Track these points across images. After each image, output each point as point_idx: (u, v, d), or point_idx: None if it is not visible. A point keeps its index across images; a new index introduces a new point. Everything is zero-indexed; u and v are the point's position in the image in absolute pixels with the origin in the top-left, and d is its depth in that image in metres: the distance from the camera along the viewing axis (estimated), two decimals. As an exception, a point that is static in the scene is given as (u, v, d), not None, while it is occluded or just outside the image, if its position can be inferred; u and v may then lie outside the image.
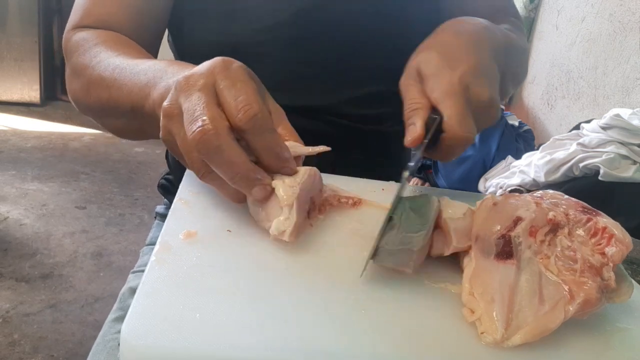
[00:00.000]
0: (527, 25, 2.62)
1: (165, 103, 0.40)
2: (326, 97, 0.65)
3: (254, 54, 0.45)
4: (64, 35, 0.64)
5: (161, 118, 0.41)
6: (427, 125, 0.46)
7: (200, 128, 0.36)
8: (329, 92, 0.65)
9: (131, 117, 0.52)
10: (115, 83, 0.52)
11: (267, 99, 0.43)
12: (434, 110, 0.47)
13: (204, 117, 0.36)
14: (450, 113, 0.45)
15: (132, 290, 0.69)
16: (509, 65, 0.57)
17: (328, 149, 0.46)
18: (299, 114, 0.65)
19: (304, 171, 0.42)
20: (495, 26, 0.57)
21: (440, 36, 0.53)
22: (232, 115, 0.38)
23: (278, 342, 0.30)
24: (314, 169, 0.43)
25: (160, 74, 0.48)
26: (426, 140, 0.45)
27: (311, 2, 0.62)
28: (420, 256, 0.39)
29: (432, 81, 0.47)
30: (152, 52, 0.63)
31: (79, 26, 0.62)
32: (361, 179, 0.56)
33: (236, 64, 0.41)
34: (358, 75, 0.66)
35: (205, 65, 0.41)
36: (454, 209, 0.41)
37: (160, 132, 0.42)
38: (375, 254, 0.38)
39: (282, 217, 0.39)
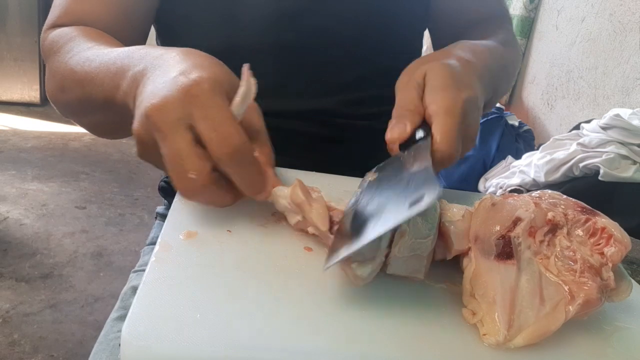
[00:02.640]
0: (527, 25, 2.62)
1: (136, 126, 0.39)
2: (319, 101, 0.65)
3: (244, 60, 0.44)
4: (41, 36, 0.61)
5: (135, 139, 0.40)
6: (413, 135, 0.45)
7: (185, 180, 0.37)
8: (322, 96, 0.65)
9: (106, 110, 0.50)
10: (87, 77, 0.50)
11: (248, 111, 0.41)
12: (424, 124, 0.46)
13: (186, 167, 0.36)
14: (443, 130, 0.44)
15: (134, 290, 0.69)
16: (495, 91, 0.59)
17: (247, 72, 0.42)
18: (293, 118, 0.65)
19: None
20: (496, 52, 0.58)
21: (450, 54, 0.52)
22: (211, 150, 0.37)
23: (278, 342, 0.30)
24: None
25: (127, 61, 0.46)
26: (405, 153, 0.45)
27: (301, 5, 0.61)
28: (429, 260, 0.39)
29: (436, 94, 0.47)
30: None
31: (56, 25, 0.60)
32: (359, 178, 0.56)
33: (205, 84, 0.38)
34: (350, 78, 0.66)
35: (175, 88, 0.38)
36: (452, 211, 0.41)
37: (136, 150, 0.41)
38: (386, 263, 0.38)
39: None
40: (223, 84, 0.40)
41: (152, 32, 0.69)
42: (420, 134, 0.46)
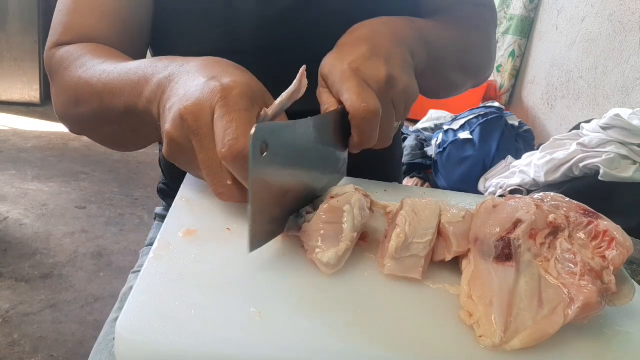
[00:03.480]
0: (527, 25, 2.62)
1: (169, 128, 0.40)
2: (313, 100, 0.65)
3: (235, 62, 0.45)
4: (44, 55, 0.61)
5: (165, 140, 0.41)
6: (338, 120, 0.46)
7: (222, 187, 0.39)
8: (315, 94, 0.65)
9: (125, 120, 0.51)
10: (106, 88, 0.50)
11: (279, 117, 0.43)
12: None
13: (224, 174, 0.39)
14: (347, 94, 0.46)
15: (133, 290, 0.68)
16: (441, 55, 0.61)
17: (303, 72, 0.43)
18: (289, 118, 0.65)
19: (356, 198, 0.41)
20: (418, 21, 0.61)
21: (340, 40, 0.55)
22: (217, 147, 0.37)
23: (273, 340, 0.30)
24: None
25: (151, 70, 0.46)
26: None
27: (294, 4, 0.61)
28: (427, 261, 0.39)
29: (330, 79, 0.49)
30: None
31: (60, 43, 0.60)
32: (363, 179, 0.56)
33: (237, 90, 0.39)
34: None
35: (208, 91, 0.39)
36: (452, 213, 0.41)
37: (165, 151, 0.41)
38: (383, 263, 0.39)
39: (339, 250, 0.38)
40: (254, 90, 0.40)
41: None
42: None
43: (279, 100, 0.41)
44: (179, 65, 0.45)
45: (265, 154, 0.34)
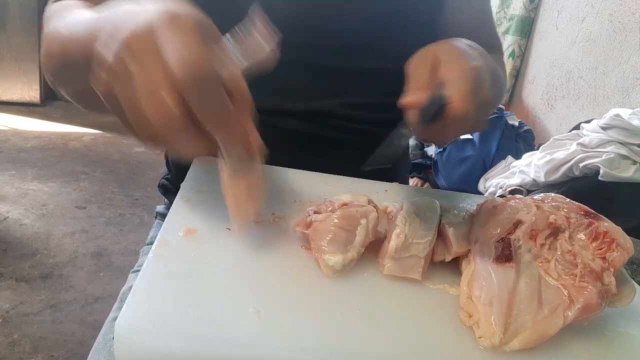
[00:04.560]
0: (527, 25, 2.61)
1: (110, 57, 0.34)
2: (322, 102, 0.66)
3: None
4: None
5: (104, 74, 0.35)
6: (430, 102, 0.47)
7: (160, 116, 0.33)
8: (326, 97, 0.66)
9: (85, 71, 0.43)
10: (71, 36, 0.46)
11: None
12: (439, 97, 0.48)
13: (163, 101, 0.32)
14: (457, 91, 0.46)
15: (132, 290, 0.69)
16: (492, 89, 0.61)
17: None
18: (295, 117, 0.65)
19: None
20: (489, 58, 0.61)
21: (457, 41, 0.55)
22: (176, 72, 0.32)
23: (272, 340, 0.30)
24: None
25: (105, 10, 0.42)
26: (421, 128, 0.46)
27: (323, 10, 0.62)
28: (427, 262, 0.39)
29: (449, 66, 0.49)
30: None
31: None
32: (366, 180, 0.56)
33: (188, 18, 0.35)
34: (355, 82, 0.66)
35: (157, 16, 0.34)
36: (452, 213, 0.41)
37: (98, 84, 0.36)
38: (383, 264, 0.39)
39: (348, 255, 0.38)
40: (205, 23, 0.36)
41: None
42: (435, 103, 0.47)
43: (239, 55, 0.36)
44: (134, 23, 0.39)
45: None
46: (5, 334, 1.44)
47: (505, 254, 0.36)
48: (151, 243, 0.79)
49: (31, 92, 3.24)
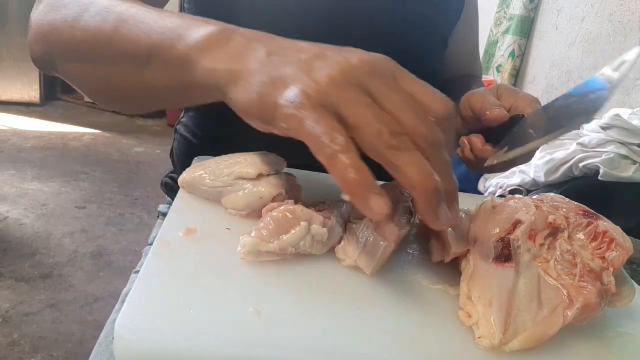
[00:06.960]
0: (527, 25, 2.61)
1: (292, 97, 0.32)
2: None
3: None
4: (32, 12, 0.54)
5: (284, 113, 0.33)
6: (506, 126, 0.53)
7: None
8: None
9: (140, 64, 0.42)
10: (131, 19, 0.43)
11: None
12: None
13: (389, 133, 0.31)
14: (527, 109, 0.54)
15: (135, 291, 0.68)
16: None
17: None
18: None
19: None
20: None
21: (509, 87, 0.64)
22: (404, 124, 0.32)
23: (272, 340, 0.30)
24: None
25: (195, 21, 0.41)
26: (502, 150, 0.50)
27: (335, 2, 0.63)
28: (381, 262, 0.38)
29: (515, 97, 0.56)
30: None
31: None
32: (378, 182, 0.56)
33: (390, 61, 0.35)
34: None
35: (355, 59, 0.33)
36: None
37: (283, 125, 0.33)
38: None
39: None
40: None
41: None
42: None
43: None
44: (256, 33, 0.39)
45: None
46: (5, 334, 1.44)
47: (504, 254, 0.36)
48: (152, 243, 0.79)
49: (31, 92, 3.25)
